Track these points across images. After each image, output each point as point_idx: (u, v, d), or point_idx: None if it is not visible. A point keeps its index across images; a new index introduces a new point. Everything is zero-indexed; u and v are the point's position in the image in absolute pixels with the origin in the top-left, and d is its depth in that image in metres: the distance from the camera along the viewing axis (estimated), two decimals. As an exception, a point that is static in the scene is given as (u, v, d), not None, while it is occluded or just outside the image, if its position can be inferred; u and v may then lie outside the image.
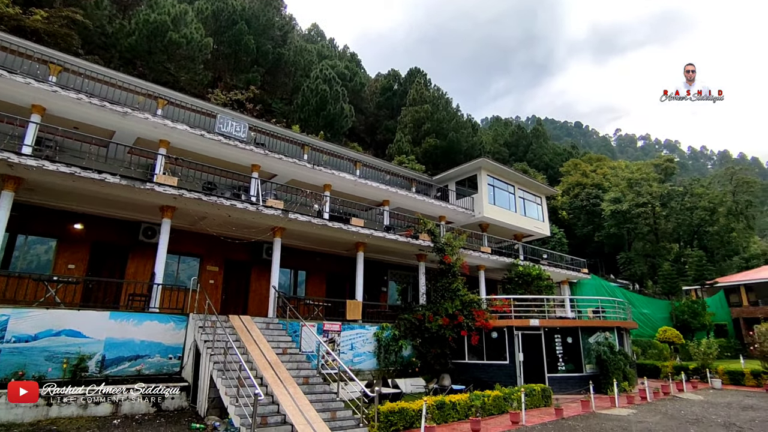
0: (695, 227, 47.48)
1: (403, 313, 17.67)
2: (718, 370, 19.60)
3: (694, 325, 31.35)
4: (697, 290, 39.15)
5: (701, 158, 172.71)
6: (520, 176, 26.05)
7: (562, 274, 25.94)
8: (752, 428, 10.87)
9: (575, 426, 11.08)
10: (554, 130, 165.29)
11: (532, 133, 71.07)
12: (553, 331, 17.19)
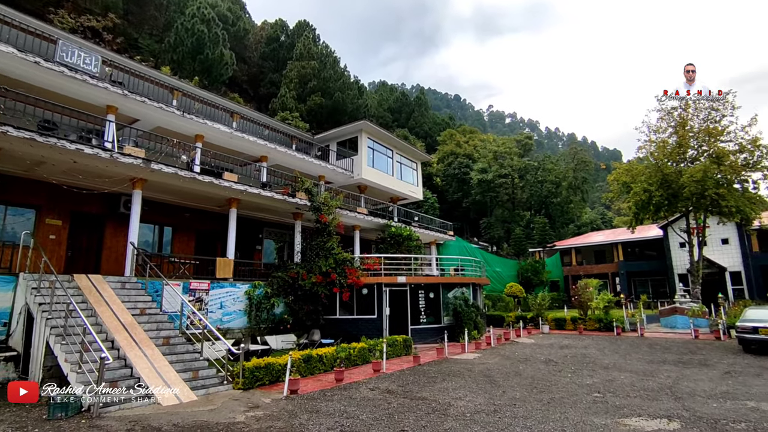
0: (544, 198, 54.31)
1: (277, 272, 17.45)
2: (548, 318, 23.11)
3: (535, 281, 36.30)
4: (540, 252, 45.16)
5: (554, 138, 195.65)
6: (399, 141, 26.82)
7: (431, 236, 27.83)
8: (564, 361, 13.10)
9: (429, 370, 12.20)
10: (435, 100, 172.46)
11: (415, 101, 73.28)
12: (418, 288, 18.49)
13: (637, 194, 24.89)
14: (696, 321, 19.50)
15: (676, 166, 24.59)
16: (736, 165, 22.88)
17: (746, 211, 22.95)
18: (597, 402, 8.47)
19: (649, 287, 38.32)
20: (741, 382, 10.07)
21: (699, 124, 24.22)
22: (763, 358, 13.21)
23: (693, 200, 23.48)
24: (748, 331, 14.05)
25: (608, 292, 26.31)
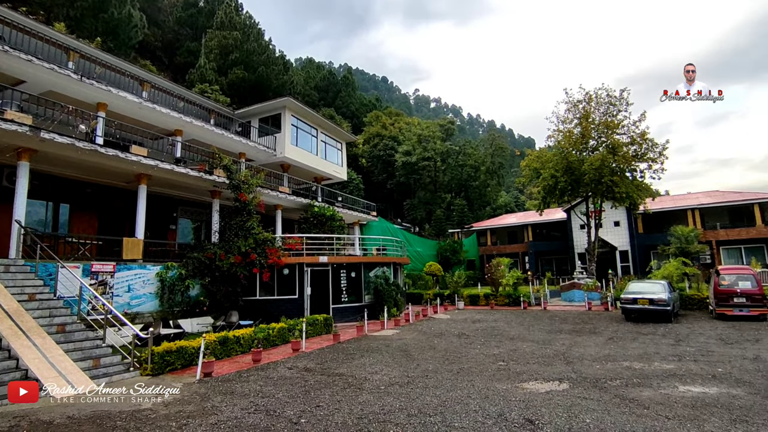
0: (464, 181, 56.64)
1: (193, 252, 16.56)
2: (463, 295, 24.39)
3: (453, 260, 38.02)
4: (458, 233, 47.26)
5: (476, 124, 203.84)
6: (324, 121, 26.37)
7: (355, 216, 27.95)
8: (475, 335, 13.96)
9: (348, 347, 12.38)
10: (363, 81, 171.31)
11: (343, 81, 72.23)
12: (340, 267, 18.56)
13: (545, 180, 26.82)
14: (590, 295, 21.66)
15: (579, 154, 26.76)
16: (628, 155, 25.41)
17: (634, 197, 25.70)
18: (501, 370, 9.14)
19: (554, 265, 41.78)
20: (620, 346, 11.40)
21: (599, 117, 26.49)
22: (640, 324, 15.03)
23: (592, 186, 25.79)
24: (629, 302, 15.90)
25: (518, 270, 28.28)
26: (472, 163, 56.16)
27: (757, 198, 34.19)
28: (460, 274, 26.65)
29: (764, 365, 8.76)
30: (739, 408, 6.24)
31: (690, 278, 21.79)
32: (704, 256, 31.88)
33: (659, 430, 5.46)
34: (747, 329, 13.32)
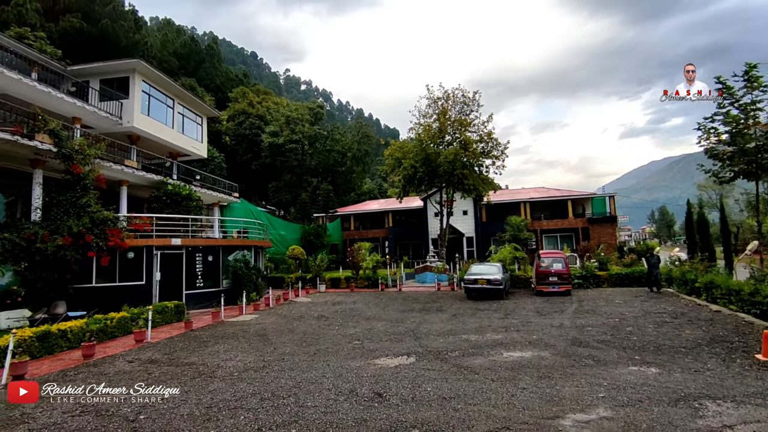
0: (330, 166, 56.96)
1: (4, 232, 13.68)
2: (325, 278, 24.71)
3: (317, 244, 38.16)
4: (323, 217, 47.50)
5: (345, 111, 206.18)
6: (183, 91, 23.89)
7: (214, 197, 26.11)
8: (334, 316, 14.31)
9: (202, 335, 11.63)
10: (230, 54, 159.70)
11: (207, 50, 66.35)
12: (196, 250, 17.24)
13: (406, 169, 28.44)
14: (439, 276, 23.79)
15: (436, 147, 28.93)
16: (477, 152, 28.34)
17: (480, 189, 28.84)
18: (356, 348, 9.53)
19: (411, 250, 44.75)
20: (461, 321, 12.79)
21: (455, 115, 28.96)
22: (479, 302, 17.02)
23: (446, 177, 28.19)
24: (471, 282, 17.91)
25: (377, 254, 29.63)
26: (340, 149, 56.77)
27: (570, 195, 41.23)
28: (322, 257, 26.90)
29: (565, 331, 10.69)
30: (545, 367, 7.53)
31: (519, 261, 25.35)
32: (531, 243, 37.39)
33: (485, 391, 6.30)
34: (557, 302, 16.05)
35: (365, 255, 25.84)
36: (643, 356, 8.08)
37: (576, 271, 21.00)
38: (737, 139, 12.90)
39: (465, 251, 39.37)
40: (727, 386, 6.24)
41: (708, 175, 14.55)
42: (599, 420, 5.13)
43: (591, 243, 34.56)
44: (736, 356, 7.85)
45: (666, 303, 14.64)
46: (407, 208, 44.01)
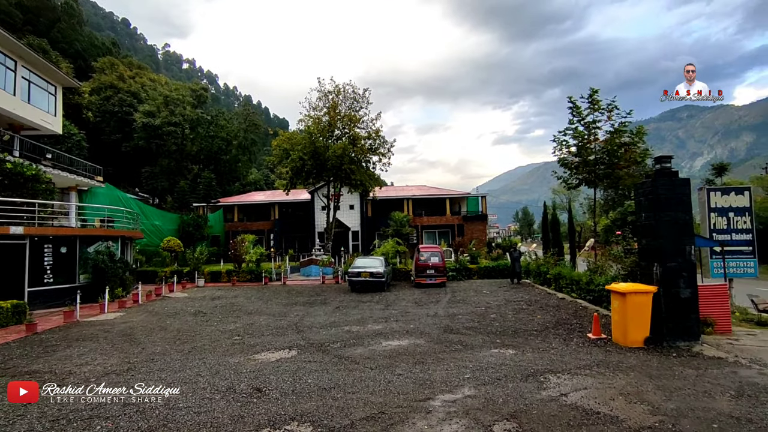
0: (214, 153, 53.27)
1: None
2: (204, 272, 23.13)
3: (196, 236, 35.49)
4: (204, 207, 44.34)
5: (232, 96, 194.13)
6: (30, 52, 20.19)
7: (71, 179, 22.68)
8: (213, 312, 13.50)
9: (49, 338, 10.08)
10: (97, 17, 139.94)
11: (64, 8, 57.04)
12: (45, 241, 14.85)
13: (294, 161, 27.84)
14: (325, 270, 23.84)
15: (325, 141, 28.81)
16: (365, 148, 28.87)
17: (367, 185, 29.49)
18: (235, 344, 9.12)
19: (297, 243, 44.02)
20: (344, 313, 13.00)
21: (345, 110, 29.13)
22: (362, 294, 17.44)
23: (334, 172, 28.25)
24: (354, 275, 18.27)
25: (262, 247, 28.64)
26: (224, 136, 53.32)
27: (448, 194, 44.29)
28: (202, 250, 25.13)
29: (439, 320, 11.51)
30: (420, 353, 8.03)
31: (401, 255, 26.54)
32: (412, 237, 39.35)
33: (364, 379, 6.51)
34: (433, 294, 17.17)
35: (249, 247, 24.78)
36: (503, 339, 9.07)
37: (451, 265, 22.68)
38: (582, 151, 15.14)
39: (350, 245, 39.98)
40: (566, 361, 7.32)
41: (560, 181, 16.82)
42: (464, 398, 5.64)
43: (465, 239, 37.61)
44: (573, 336, 9.24)
45: (524, 292, 16.58)
46: (294, 201, 43.19)
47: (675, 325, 8.23)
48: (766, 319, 11.04)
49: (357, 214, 40.93)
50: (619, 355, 7.66)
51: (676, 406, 5.23)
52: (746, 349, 8.20)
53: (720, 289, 9.94)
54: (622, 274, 11.40)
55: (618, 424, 4.77)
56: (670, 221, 8.26)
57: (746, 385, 5.99)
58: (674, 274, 8.20)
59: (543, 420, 4.88)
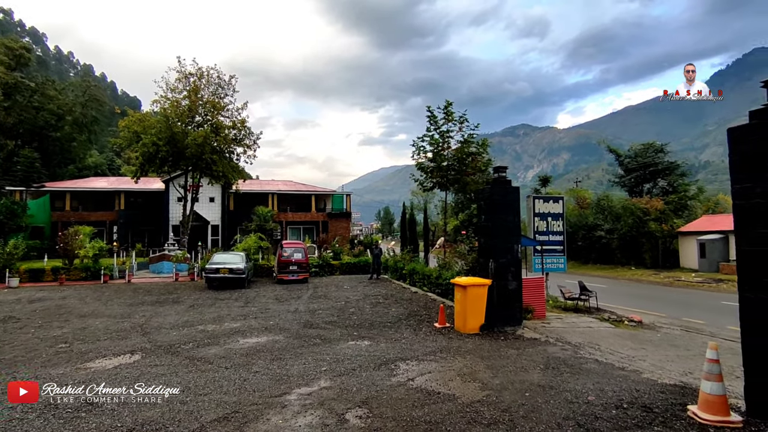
0: (39, 129, 44.42)
1: None
2: (19, 269, 19.25)
3: (10, 226, 29.34)
4: (24, 192, 36.88)
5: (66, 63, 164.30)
6: None
7: None
8: (31, 316, 11.36)
9: None
10: None
11: None
12: None
13: (146, 146, 24.85)
14: (179, 266, 21.82)
15: (184, 127, 26.37)
16: (229, 138, 27.22)
17: (230, 177, 27.86)
18: (61, 353, 7.84)
19: (147, 237, 39.44)
20: (199, 312, 12.13)
21: (208, 95, 27.03)
22: (221, 291, 16.44)
23: (193, 161, 26.04)
24: (212, 272, 17.17)
25: (102, 241, 25.02)
26: (54, 109, 44.75)
27: (314, 191, 44.34)
28: (17, 243, 20.83)
29: (299, 315, 11.50)
30: (278, 350, 7.93)
31: (264, 251, 25.72)
32: (277, 233, 38.40)
33: (218, 379, 6.19)
34: (295, 289, 17.04)
35: (84, 241, 21.41)
36: (360, 332, 9.48)
37: (314, 261, 22.78)
38: (437, 157, 16.60)
39: (210, 239, 37.33)
40: (414, 349, 7.97)
41: (417, 183, 18.18)
42: (320, 390, 5.77)
43: (329, 235, 38.07)
44: (423, 326, 10.10)
45: (382, 287, 17.49)
46: (145, 190, 38.63)
47: (504, 313, 9.59)
48: (570, 305, 13.53)
49: (218, 207, 38.37)
50: (459, 341, 8.64)
51: (500, 381, 6.12)
52: (555, 330, 9.96)
53: (538, 282, 11.88)
54: (465, 269, 12.85)
55: (454, 401, 5.39)
56: (502, 223, 9.61)
57: (551, 360, 7.29)
58: (504, 269, 9.56)
59: (391, 403, 5.27)
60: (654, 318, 12.95)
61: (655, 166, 37.99)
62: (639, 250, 33.07)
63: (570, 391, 5.67)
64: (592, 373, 6.56)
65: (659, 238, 32.56)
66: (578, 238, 35.60)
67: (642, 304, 16.00)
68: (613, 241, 34.14)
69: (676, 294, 20.42)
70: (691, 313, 13.96)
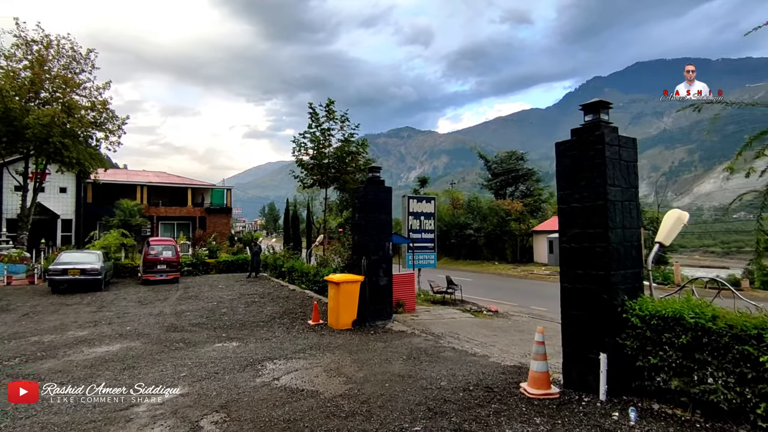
0: None
1: None
2: None
3: None
4: None
5: None
6: None
7: None
8: None
9: None
10: None
11: None
12: None
13: (-32, 121, 20.41)
14: (12, 267, 18.38)
15: (25, 103, 22.28)
16: (86, 120, 23.67)
17: (86, 165, 24.27)
18: None
19: (-29, 231, 32.49)
20: (36, 320, 10.38)
21: (58, 69, 23.22)
22: (68, 296, 14.28)
23: (36, 144, 22.11)
24: (59, 273, 14.83)
25: None
26: None
27: (191, 184, 41.02)
28: None
29: (163, 318, 10.54)
30: (132, 357, 7.17)
31: (128, 248, 23.00)
32: (146, 229, 34.59)
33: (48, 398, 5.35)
34: (162, 290, 15.57)
35: None
36: (229, 333, 9.03)
37: (187, 259, 21.11)
38: (318, 155, 16.53)
39: (59, 236, 32.16)
40: (284, 348, 7.85)
41: (297, 180, 17.88)
42: (174, 398, 5.35)
43: (207, 232, 35.55)
44: (296, 324, 9.99)
45: (259, 286, 16.88)
46: (-31, 176, 31.73)
47: (375, 308, 9.94)
48: (439, 298, 14.56)
49: (71, 198, 33.23)
50: (331, 337, 8.73)
51: (364, 374, 6.33)
52: (422, 322, 10.63)
53: (409, 277, 12.56)
54: (342, 266, 13.02)
55: (316, 396, 5.43)
56: (375, 221, 9.94)
57: (414, 350, 7.77)
58: (376, 265, 9.91)
59: (252, 405, 5.11)
60: (508, 307, 14.61)
61: (517, 172, 42.83)
62: (502, 247, 37.00)
63: (426, 378, 6.11)
64: (448, 360, 7.15)
65: (518, 236, 36.83)
66: (452, 236, 38.54)
67: (500, 295, 17.93)
68: (480, 239, 37.66)
69: (529, 285, 23.29)
70: (538, 302, 16.02)
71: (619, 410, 4.74)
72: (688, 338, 4.43)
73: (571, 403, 5.06)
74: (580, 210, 5.48)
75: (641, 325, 4.85)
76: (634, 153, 5.66)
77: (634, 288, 5.38)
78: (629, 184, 5.48)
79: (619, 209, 5.31)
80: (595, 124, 5.43)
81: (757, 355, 3.93)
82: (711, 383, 4.31)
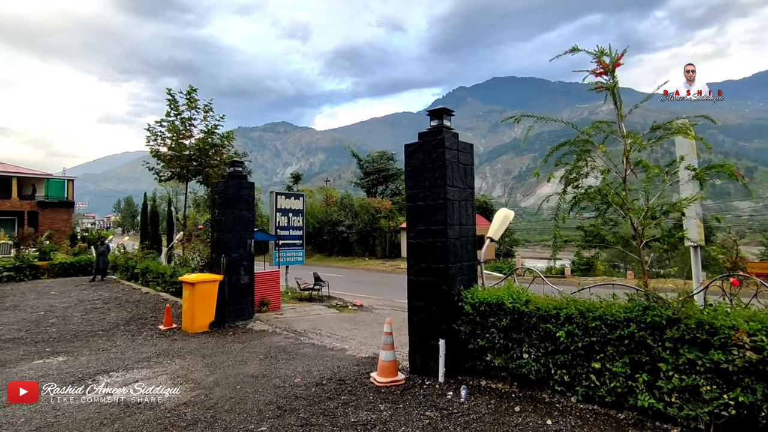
0: None
1: None
2: None
3: None
4: None
5: None
6: None
7: None
8: None
9: None
10: None
11: None
12: None
13: None
14: None
15: None
16: None
17: None
18: None
19: None
20: None
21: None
22: None
23: None
24: None
25: None
26: None
27: (17, 172, 34.13)
28: None
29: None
30: None
31: None
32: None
33: None
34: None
35: None
36: (56, 347, 7.71)
37: (8, 262, 17.51)
38: (176, 146, 14.99)
39: None
40: (126, 358, 6.97)
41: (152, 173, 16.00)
42: (-36, 432, 4.37)
43: (41, 229, 29.94)
44: (144, 330, 8.98)
45: (105, 289, 14.77)
46: None
47: (235, 308, 9.43)
48: (306, 295, 14.43)
49: None
50: (184, 342, 8.03)
51: (215, 378, 5.95)
52: (286, 320, 10.40)
53: (274, 275, 12.20)
54: (201, 266, 12.09)
55: (156, 408, 4.92)
56: (236, 217, 9.42)
57: (273, 349, 7.55)
58: (237, 264, 9.41)
59: (72, 427, 4.42)
60: (373, 301, 15.15)
61: (387, 171, 44.73)
62: (373, 243, 38.29)
63: (280, 377, 5.98)
64: (306, 356, 7.10)
65: (387, 233, 38.49)
66: (324, 232, 38.66)
67: (368, 290, 18.53)
68: (352, 236, 38.45)
69: (396, 279, 24.49)
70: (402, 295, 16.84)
71: (453, 389, 5.22)
72: (507, 321, 5.07)
73: (414, 387, 5.42)
74: (425, 208, 5.89)
75: (472, 311, 5.40)
76: (471, 157, 6.28)
77: (469, 279, 5.98)
78: (466, 185, 6.07)
79: (457, 207, 5.85)
80: (438, 129, 5.88)
81: (555, 331, 4.67)
82: (525, 358, 5.00)
